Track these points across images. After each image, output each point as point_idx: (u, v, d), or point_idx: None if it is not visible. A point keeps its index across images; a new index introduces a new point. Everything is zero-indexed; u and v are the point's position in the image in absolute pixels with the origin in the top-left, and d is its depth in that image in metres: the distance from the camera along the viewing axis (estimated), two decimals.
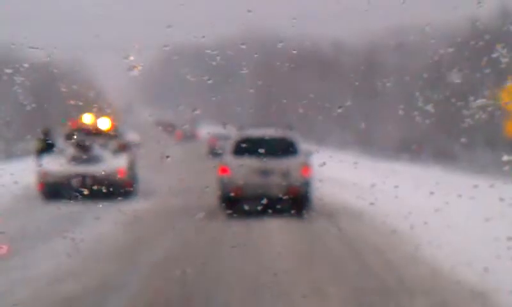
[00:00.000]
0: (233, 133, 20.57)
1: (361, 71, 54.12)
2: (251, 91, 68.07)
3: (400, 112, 45.56)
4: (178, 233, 17.76)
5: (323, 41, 63.39)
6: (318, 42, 63.64)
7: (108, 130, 26.63)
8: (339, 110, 52.40)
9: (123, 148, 26.18)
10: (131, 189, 24.84)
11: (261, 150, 17.83)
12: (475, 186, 13.99)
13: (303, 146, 19.61)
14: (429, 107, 21.30)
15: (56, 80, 58.93)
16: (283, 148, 18.61)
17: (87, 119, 27.32)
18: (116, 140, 26.35)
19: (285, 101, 59.77)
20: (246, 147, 18.42)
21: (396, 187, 16.27)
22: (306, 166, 18.53)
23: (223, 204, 18.59)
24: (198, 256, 13.40)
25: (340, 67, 58.01)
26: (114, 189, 22.79)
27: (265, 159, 18.06)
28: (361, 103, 51.07)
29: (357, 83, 52.80)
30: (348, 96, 52.80)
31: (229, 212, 18.02)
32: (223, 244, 15.04)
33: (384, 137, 43.42)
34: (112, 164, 24.83)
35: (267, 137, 18.90)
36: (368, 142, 45.01)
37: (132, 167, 26.17)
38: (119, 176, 24.35)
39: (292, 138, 19.09)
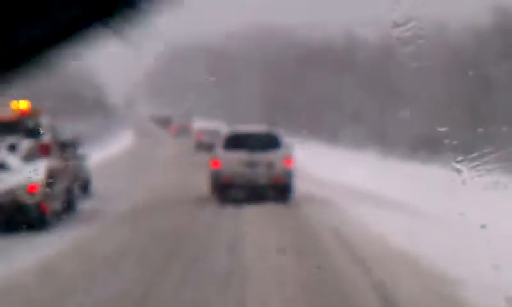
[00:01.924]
0: (222, 128, 22.99)
1: (376, 64, 50.91)
2: (259, 87, 65.97)
3: (420, 108, 42.60)
4: None
5: (334, 33, 60.51)
6: (329, 34, 60.76)
7: (18, 119, 16.73)
8: (353, 107, 49.49)
9: (44, 150, 16.85)
10: (45, 215, 15.90)
11: (248, 144, 20.35)
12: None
13: (288, 140, 22.10)
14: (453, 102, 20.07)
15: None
16: (268, 142, 20.62)
17: None
18: (32, 137, 16.81)
19: (294, 97, 57.70)
20: (235, 142, 20.58)
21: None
22: (288, 158, 20.43)
23: (215, 193, 20.54)
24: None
25: (353, 60, 54.79)
26: (21, 216, 15.39)
27: (252, 152, 20.25)
28: (377, 99, 48.12)
29: (372, 77, 49.79)
30: (362, 92, 50.08)
31: (221, 199, 20.29)
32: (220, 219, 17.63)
33: (403, 136, 40.08)
34: (19, 176, 15.84)
35: (253, 133, 21.30)
36: (385, 141, 41.67)
37: (58, 181, 17.06)
38: (28, 194, 15.65)
39: (276, 133, 21.04)
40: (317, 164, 30.87)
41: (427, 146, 32.82)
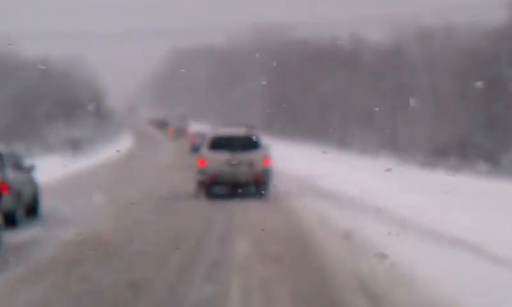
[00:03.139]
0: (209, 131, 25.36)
1: (385, 65, 49.06)
2: (263, 90, 64.35)
3: (435, 111, 40.73)
4: None
5: (341, 34, 58.75)
6: (336, 35, 59.07)
7: None
8: (362, 109, 47.56)
9: None
10: None
11: (231, 146, 22.16)
12: None
13: (265, 141, 23.75)
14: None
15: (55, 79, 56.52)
16: (248, 143, 22.30)
17: None
18: None
19: (299, 99, 55.98)
20: (219, 143, 22.33)
21: None
22: (266, 158, 22.20)
23: (202, 189, 22.30)
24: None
25: (361, 62, 52.92)
26: None
27: (234, 153, 22.05)
28: (387, 102, 46.25)
29: (381, 79, 47.91)
30: (372, 94, 48.23)
31: (206, 195, 22.10)
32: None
33: (417, 140, 38.08)
34: None
35: (235, 135, 22.82)
36: (397, 146, 39.64)
37: None
38: None
39: (255, 136, 22.75)
40: (331, 173, 26.53)
41: (448, 152, 30.75)
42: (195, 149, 39.51)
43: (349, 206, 19.29)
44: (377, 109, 43.70)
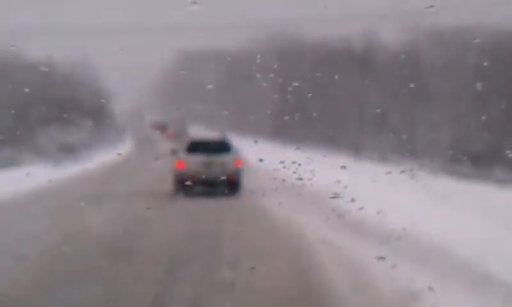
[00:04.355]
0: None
1: (400, 67, 46.37)
2: (273, 95, 62.13)
3: (453, 115, 38.12)
4: None
5: (353, 34, 56.16)
6: (347, 36, 56.60)
7: None
8: (376, 114, 44.93)
9: None
10: None
11: (206, 149, 24.95)
12: None
13: (236, 144, 26.33)
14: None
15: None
16: (221, 147, 25.24)
17: None
18: None
19: (311, 103, 53.65)
20: (196, 147, 25.20)
21: None
22: (237, 159, 24.88)
23: (180, 189, 24.62)
24: None
25: (375, 62, 50.33)
26: None
27: (209, 155, 24.80)
28: (402, 106, 43.60)
29: (395, 82, 45.23)
30: (386, 98, 45.75)
31: (184, 194, 24.47)
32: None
33: (437, 146, 35.25)
34: None
35: (210, 139, 26.25)
36: (414, 152, 36.82)
37: None
38: None
39: (228, 140, 25.78)
40: (365, 194, 18.16)
41: (478, 159, 27.78)
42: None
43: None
44: (393, 112, 41.13)
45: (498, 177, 26.71)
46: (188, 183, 23.63)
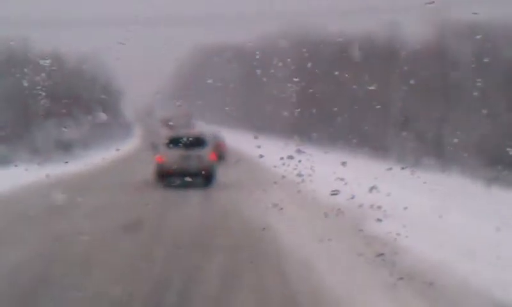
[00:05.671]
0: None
1: (425, 62, 44.15)
2: (291, 90, 60.22)
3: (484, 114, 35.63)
4: None
5: (373, 26, 54.04)
6: (367, 27, 54.43)
7: None
8: (401, 111, 42.77)
9: None
10: None
11: (184, 144, 27.99)
12: None
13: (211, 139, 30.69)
14: None
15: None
16: (198, 142, 28.42)
17: None
18: None
19: (330, 101, 51.54)
20: (174, 142, 28.26)
21: None
22: (212, 153, 28.43)
23: (159, 180, 27.74)
24: None
25: (399, 57, 48.03)
26: None
27: (186, 150, 27.94)
28: (428, 104, 41.28)
29: (420, 78, 42.84)
30: (409, 95, 43.50)
31: (163, 184, 27.55)
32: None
33: (468, 149, 32.66)
34: None
35: (187, 136, 28.98)
36: (442, 154, 34.34)
37: None
38: None
39: (204, 136, 29.20)
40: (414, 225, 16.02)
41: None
42: None
43: None
44: (419, 110, 38.92)
45: None
46: (167, 174, 27.03)
